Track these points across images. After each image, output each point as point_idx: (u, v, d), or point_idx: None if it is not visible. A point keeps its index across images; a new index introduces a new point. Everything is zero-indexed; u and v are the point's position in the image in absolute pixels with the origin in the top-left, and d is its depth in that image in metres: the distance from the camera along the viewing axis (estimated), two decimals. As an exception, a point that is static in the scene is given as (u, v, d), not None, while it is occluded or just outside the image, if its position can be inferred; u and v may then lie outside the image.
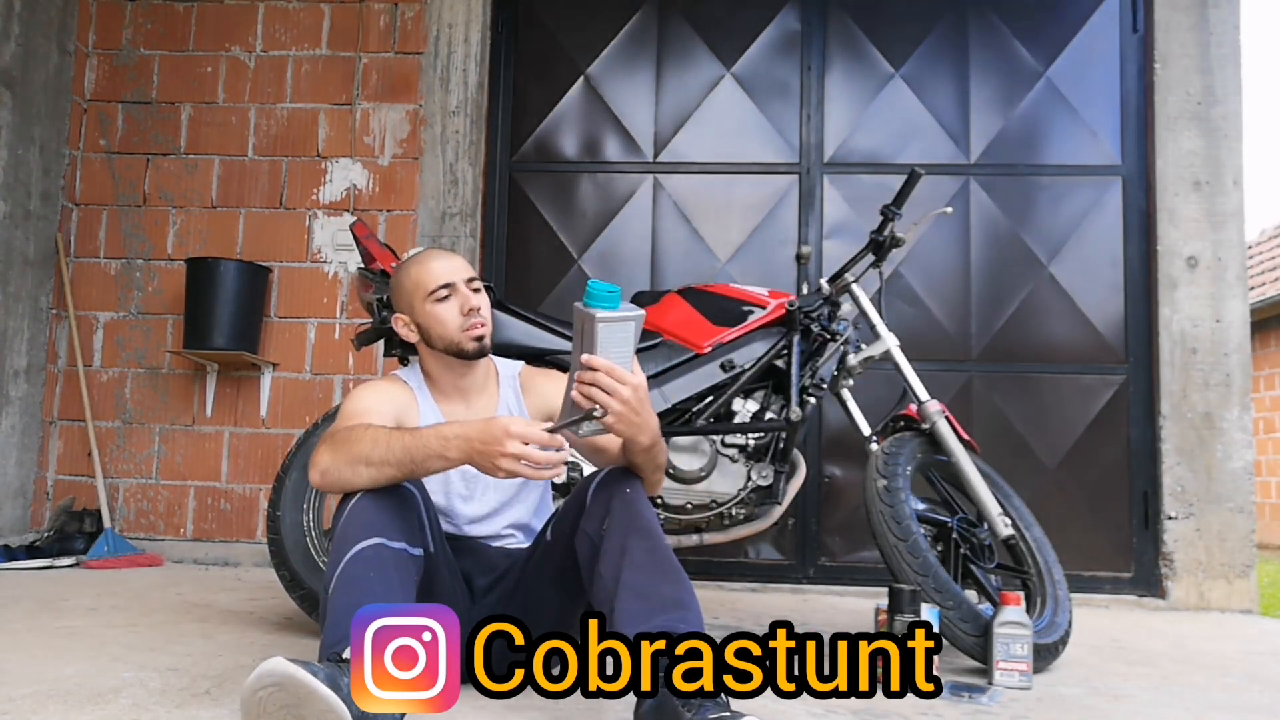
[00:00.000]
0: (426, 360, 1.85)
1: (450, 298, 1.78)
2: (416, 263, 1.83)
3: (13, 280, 3.70)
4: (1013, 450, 3.66)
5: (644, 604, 1.40)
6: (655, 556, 1.47)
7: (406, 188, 3.87)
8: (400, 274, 1.85)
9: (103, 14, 4.04)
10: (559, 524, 1.65)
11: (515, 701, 1.66)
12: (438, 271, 1.79)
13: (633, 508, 1.52)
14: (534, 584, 1.70)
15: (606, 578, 1.46)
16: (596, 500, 1.56)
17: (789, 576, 3.69)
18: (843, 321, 2.54)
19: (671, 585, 1.44)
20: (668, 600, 1.42)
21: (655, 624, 1.36)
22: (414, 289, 1.80)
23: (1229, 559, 3.50)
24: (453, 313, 1.77)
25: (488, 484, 1.82)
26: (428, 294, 1.77)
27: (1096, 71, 3.85)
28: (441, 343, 1.78)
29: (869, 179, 3.85)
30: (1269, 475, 8.46)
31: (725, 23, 3.99)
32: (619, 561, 1.45)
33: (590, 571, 1.52)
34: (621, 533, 1.48)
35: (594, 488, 1.58)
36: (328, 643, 1.32)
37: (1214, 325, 3.60)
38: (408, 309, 1.82)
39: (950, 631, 2.08)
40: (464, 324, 1.77)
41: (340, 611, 1.36)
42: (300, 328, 3.84)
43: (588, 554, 1.53)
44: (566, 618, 1.72)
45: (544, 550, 1.68)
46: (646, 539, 1.49)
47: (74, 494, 3.82)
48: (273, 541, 2.37)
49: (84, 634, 2.18)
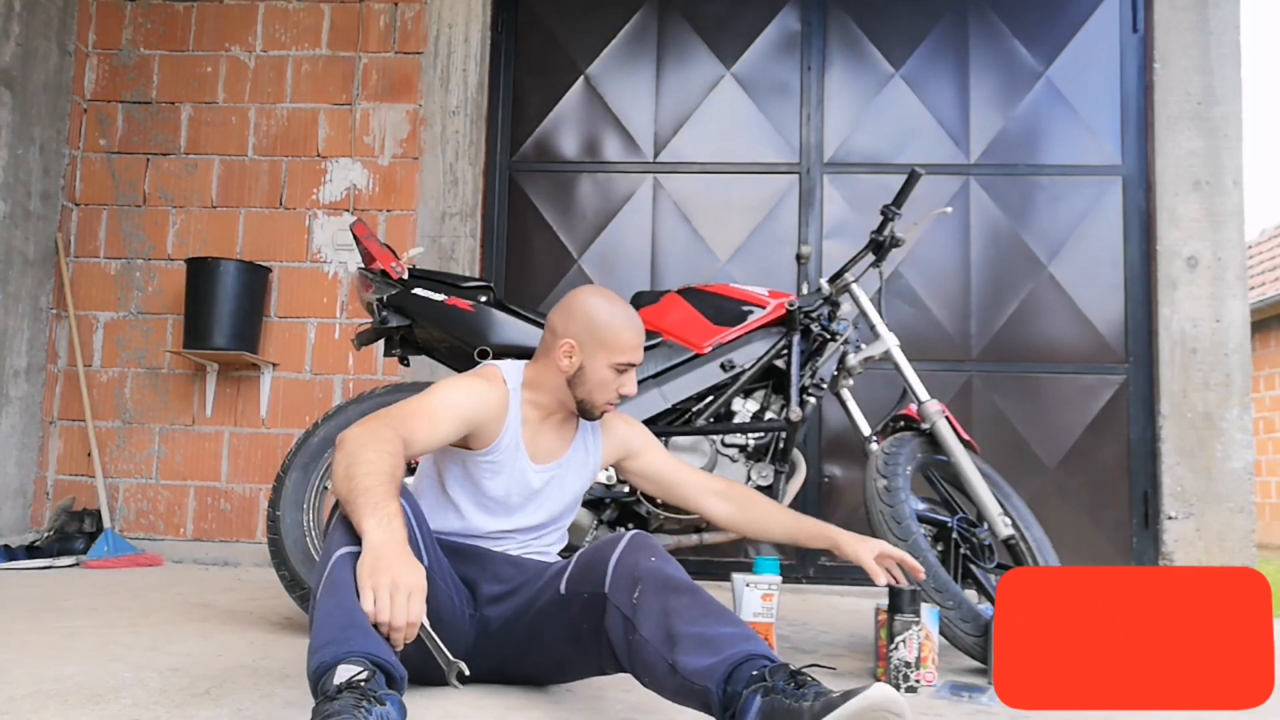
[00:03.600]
0: (550, 377, 1.78)
1: (622, 375, 1.76)
2: (625, 324, 1.76)
3: (13, 280, 3.70)
4: (1013, 450, 3.66)
5: (709, 649, 1.39)
6: (703, 606, 1.46)
7: (406, 188, 3.87)
8: (599, 312, 1.76)
9: (103, 14, 4.04)
10: (575, 583, 1.62)
11: (515, 701, 1.67)
12: (634, 349, 1.76)
13: (663, 572, 1.52)
14: (542, 626, 1.67)
15: (655, 641, 1.44)
16: (620, 573, 1.54)
17: (789, 576, 3.69)
18: (843, 321, 2.54)
19: (730, 625, 1.44)
20: (737, 636, 1.41)
21: (729, 655, 1.37)
22: (603, 344, 1.74)
23: (1229, 559, 3.50)
24: (612, 386, 1.76)
25: (539, 505, 1.80)
26: (612, 360, 1.74)
27: (1096, 71, 3.85)
28: (582, 394, 1.76)
29: (869, 179, 3.85)
30: (1269, 475, 8.46)
31: (725, 23, 3.99)
32: (667, 621, 1.44)
33: (626, 643, 1.49)
34: (659, 597, 1.48)
35: (616, 560, 1.57)
36: (315, 645, 1.31)
37: (1214, 325, 3.60)
38: (584, 345, 1.75)
39: (950, 631, 2.08)
40: (611, 398, 1.78)
41: (326, 614, 1.34)
42: (300, 328, 3.84)
43: (620, 629, 1.51)
44: (569, 669, 1.71)
45: (559, 602, 1.64)
46: (688, 593, 1.48)
47: (74, 494, 3.82)
48: (273, 541, 2.37)
49: (84, 634, 2.18)
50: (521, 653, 1.70)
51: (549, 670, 1.75)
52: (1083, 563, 3.55)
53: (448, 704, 1.63)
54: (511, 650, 1.71)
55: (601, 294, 1.81)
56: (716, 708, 1.35)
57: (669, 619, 1.44)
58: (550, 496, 1.81)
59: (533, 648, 1.69)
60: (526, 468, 1.76)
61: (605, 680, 1.79)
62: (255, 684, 1.75)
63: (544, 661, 1.72)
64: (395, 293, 2.41)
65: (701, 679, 1.36)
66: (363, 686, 1.23)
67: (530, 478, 1.77)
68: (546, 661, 1.71)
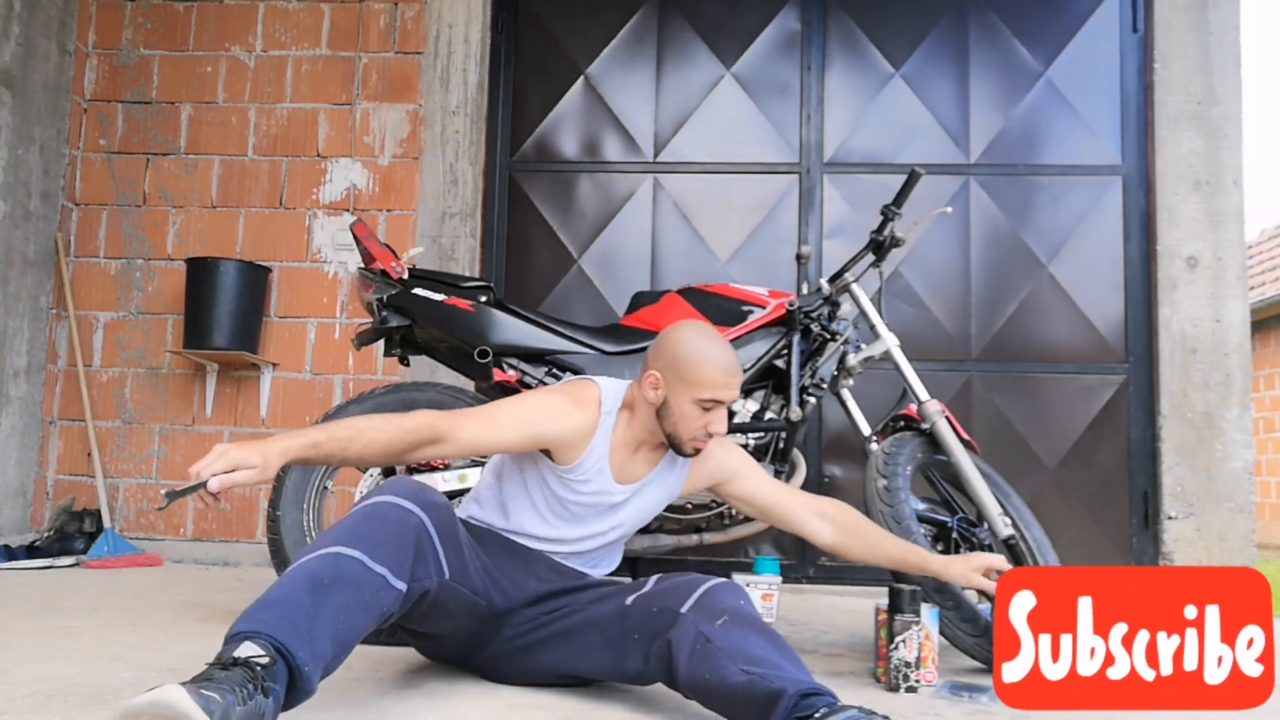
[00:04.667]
0: (642, 406, 1.76)
1: (709, 412, 1.71)
2: (714, 360, 1.70)
3: (13, 280, 3.70)
4: (1013, 450, 3.66)
5: (785, 676, 1.43)
6: (783, 650, 1.50)
7: (406, 188, 3.87)
8: (689, 347, 1.71)
9: (103, 14, 4.04)
10: (648, 599, 1.65)
11: (515, 700, 1.67)
12: (722, 387, 1.69)
13: (753, 618, 1.56)
14: (586, 630, 1.69)
15: (730, 651, 1.47)
16: (707, 605, 1.57)
17: (789, 576, 3.68)
18: (843, 321, 2.54)
19: (806, 674, 1.47)
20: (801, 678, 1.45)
21: (809, 682, 1.42)
22: (692, 380, 1.69)
23: (1229, 559, 3.50)
24: (699, 423, 1.71)
25: (615, 522, 1.82)
26: (695, 396, 1.69)
27: (1096, 71, 3.85)
28: (668, 428, 1.73)
29: (869, 179, 3.85)
30: (1269, 475, 8.46)
31: (725, 23, 3.99)
32: (746, 647, 1.48)
33: (692, 651, 1.51)
34: (743, 630, 1.51)
35: (704, 592, 1.60)
36: (248, 614, 1.32)
37: (1214, 325, 3.60)
38: (670, 378, 1.71)
39: (950, 631, 2.08)
40: (699, 435, 1.72)
41: (277, 594, 1.35)
42: (300, 328, 3.84)
43: (690, 637, 1.52)
44: (591, 669, 1.72)
45: (619, 611, 1.67)
46: (770, 636, 1.52)
47: (74, 494, 3.82)
48: (273, 541, 2.37)
49: (84, 634, 2.18)
50: (557, 644, 1.71)
51: (569, 667, 1.74)
52: (1083, 563, 3.55)
53: (448, 703, 1.63)
54: (545, 640, 1.72)
55: (696, 329, 1.77)
56: (784, 708, 1.37)
57: (748, 646, 1.48)
58: (626, 516, 1.82)
59: (570, 641, 1.70)
60: (609, 486, 1.77)
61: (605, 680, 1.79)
62: (255, 684, 1.74)
63: (568, 661, 1.71)
64: (395, 293, 2.41)
65: (779, 683, 1.40)
66: (257, 670, 1.24)
67: (611, 496, 1.78)
68: (570, 661, 1.71)
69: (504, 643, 1.74)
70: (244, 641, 1.27)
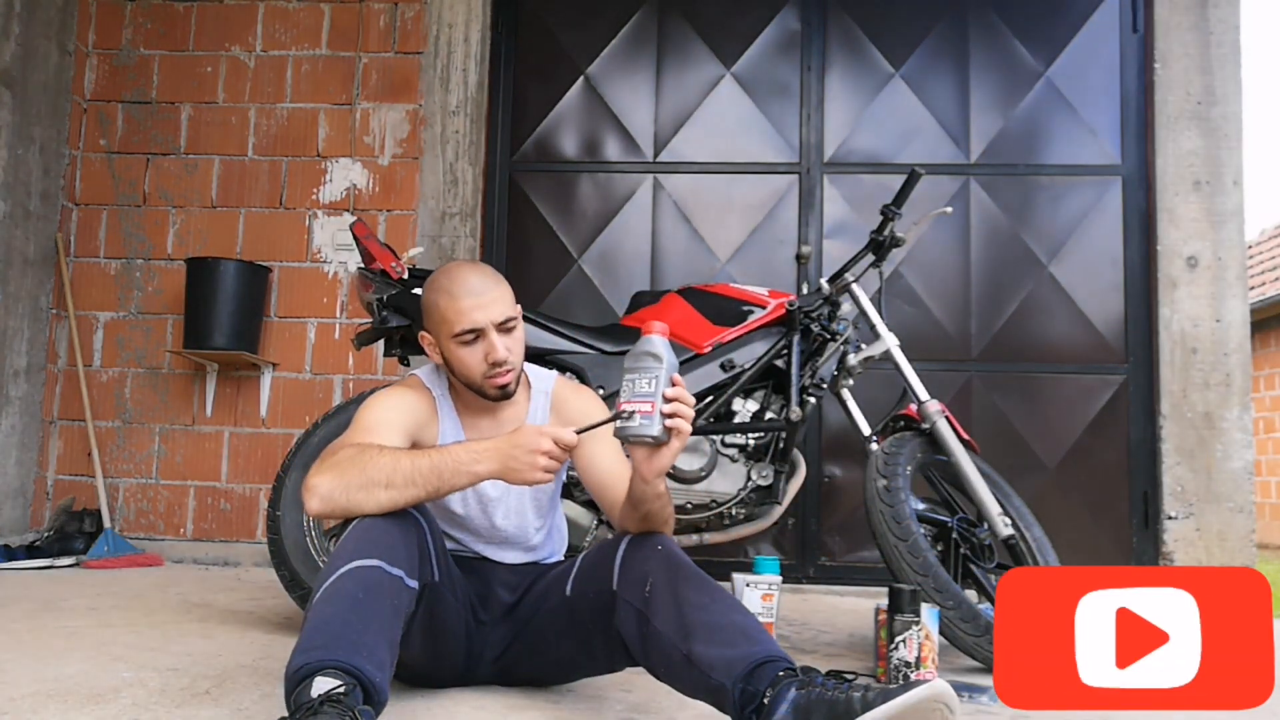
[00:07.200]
0: (447, 374, 1.73)
1: (476, 343, 1.62)
2: (446, 291, 1.63)
3: (13, 280, 3.70)
4: (1013, 450, 3.66)
5: (724, 641, 1.39)
6: (712, 592, 1.47)
7: (406, 187, 3.87)
8: (430, 292, 1.67)
9: (103, 14, 4.04)
10: (581, 583, 1.62)
11: (515, 701, 1.67)
12: (465, 313, 1.60)
13: (670, 560, 1.52)
14: (549, 629, 1.67)
15: (669, 633, 1.43)
16: (628, 568, 1.53)
17: (789, 576, 3.67)
18: (843, 321, 2.54)
19: (740, 614, 1.45)
20: (749, 628, 1.42)
21: (749, 653, 1.37)
22: (440, 322, 1.64)
23: (1229, 559, 3.49)
24: (477, 358, 1.63)
25: (509, 508, 1.75)
26: (452, 334, 1.62)
27: (1096, 71, 3.85)
28: (463, 380, 1.67)
29: (869, 179, 3.85)
30: (1269, 475, 8.46)
31: (725, 23, 3.98)
32: (680, 612, 1.44)
33: (640, 636, 1.49)
34: (670, 587, 1.47)
35: (622, 557, 1.55)
36: (304, 645, 1.31)
37: (1214, 325, 3.60)
38: (434, 335, 1.67)
39: (950, 631, 2.08)
40: (487, 371, 1.63)
41: (322, 619, 1.34)
42: (300, 328, 3.84)
43: (633, 623, 1.50)
44: (576, 668, 1.71)
45: (565, 604, 1.63)
46: (696, 579, 1.49)
47: (74, 494, 3.82)
48: (273, 541, 2.37)
49: (84, 634, 2.18)
50: (528, 655, 1.70)
51: (555, 670, 1.75)
52: (1083, 563, 3.55)
53: (448, 704, 1.63)
54: (518, 654, 1.71)
55: (438, 273, 1.70)
56: (733, 705, 1.34)
57: (682, 609, 1.44)
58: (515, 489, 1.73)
59: (539, 650, 1.69)
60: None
61: (606, 680, 1.79)
62: (255, 684, 1.75)
63: (550, 662, 1.72)
64: (395, 293, 2.41)
65: (719, 674, 1.36)
66: (343, 700, 1.23)
67: None
68: (553, 662, 1.71)
69: (486, 665, 1.72)
70: (314, 677, 1.26)
